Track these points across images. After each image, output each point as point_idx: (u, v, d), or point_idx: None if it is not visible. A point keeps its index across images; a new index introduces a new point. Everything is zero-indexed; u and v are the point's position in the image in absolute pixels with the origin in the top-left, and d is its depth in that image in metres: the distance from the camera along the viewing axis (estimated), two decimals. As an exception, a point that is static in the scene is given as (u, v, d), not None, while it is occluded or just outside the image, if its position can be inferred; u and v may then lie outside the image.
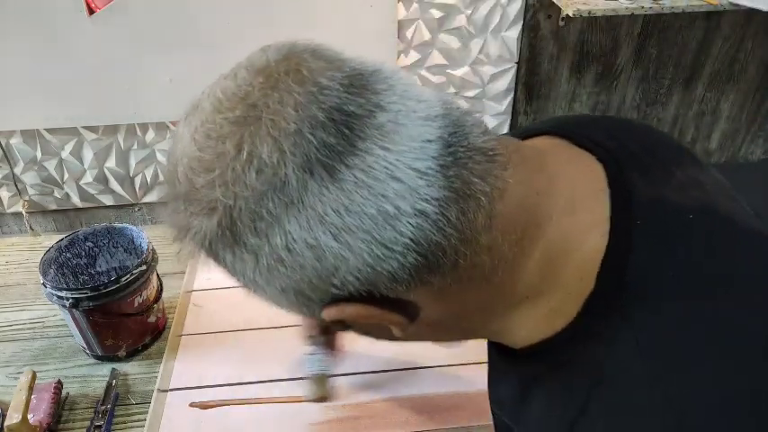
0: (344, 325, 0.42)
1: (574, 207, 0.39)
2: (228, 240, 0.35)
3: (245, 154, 0.33)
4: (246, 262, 0.36)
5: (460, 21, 1.32)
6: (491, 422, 0.85)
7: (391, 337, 0.44)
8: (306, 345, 0.77)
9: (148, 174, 1.47)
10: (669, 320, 0.36)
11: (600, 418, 0.37)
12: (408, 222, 0.34)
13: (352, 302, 0.37)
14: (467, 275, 0.38)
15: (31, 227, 1.48)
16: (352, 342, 0.82)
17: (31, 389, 0.81)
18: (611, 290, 0.37)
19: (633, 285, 0.37)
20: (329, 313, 0.38)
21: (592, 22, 1.36)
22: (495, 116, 1.47)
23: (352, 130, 0.33)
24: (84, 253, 0.99)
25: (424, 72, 1.39)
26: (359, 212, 0.33)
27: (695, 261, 0.38)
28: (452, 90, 1.42)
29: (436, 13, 1.31)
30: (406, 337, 0.43)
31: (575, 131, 0.44)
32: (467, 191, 0.35)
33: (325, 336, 0.76)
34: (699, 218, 0.39)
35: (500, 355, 0.47)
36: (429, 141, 0.35)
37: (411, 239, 0.34)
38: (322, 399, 0.79)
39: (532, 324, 0.41)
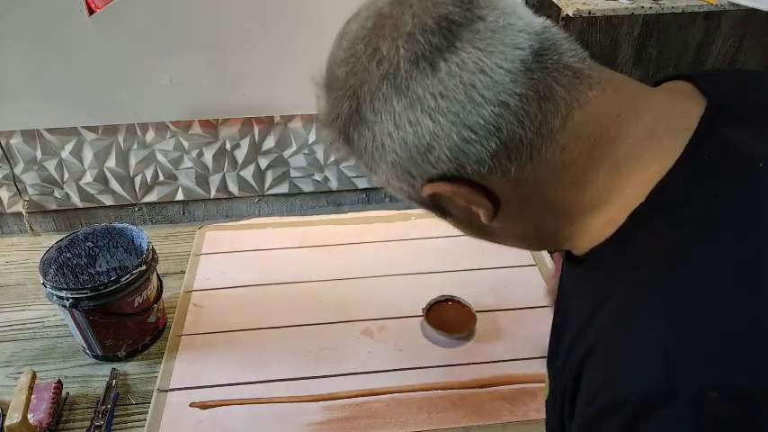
0: (441, 209, 0.49)
1: (651, 135, 0.43)
2: (355, 119, 0.45)
3: (371, 50, 0.43)
4: (367, 138, 0.45)
5: (460, 21, 1.32)
6: (491, 422, 0.85)
7: (480, 231, 0.51)
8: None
9: (148, 174, 1.47)
10: (694, 261, 0.39)
11: (619, 303, 0.40)
12: (492, 110, 0.41)
13: (446, 181, 0.45)
14: (542, 170, 0.44)
15: (31, 227, 1.48)
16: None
17: (31, 389, 0.81)
18: (653, 206, 0.41)
19: (673, 206, 0.41)
20: (428, 189, 0.46)
21: (592, 22, 1.36)
22: (495, 116, 1.47)
23: (453, 33, 0.41)
24: (84, 253, 0.99)
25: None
26: (451, 98, 0.41)
27: (746, 200, 0.40)
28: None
29: (436, 13, 1.31)
30: (491, 233, 0.51)
31: (703, 76, 0.48)
32: (548, 94, 0.42)
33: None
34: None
35: (566, 259, 0.52)
36: (520, 48, 0.41)
37: (493, 125, 0.41)
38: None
39: (595, 232, 0.45)
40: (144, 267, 0.91)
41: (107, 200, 1.49)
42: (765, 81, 0.52)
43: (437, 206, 0.49)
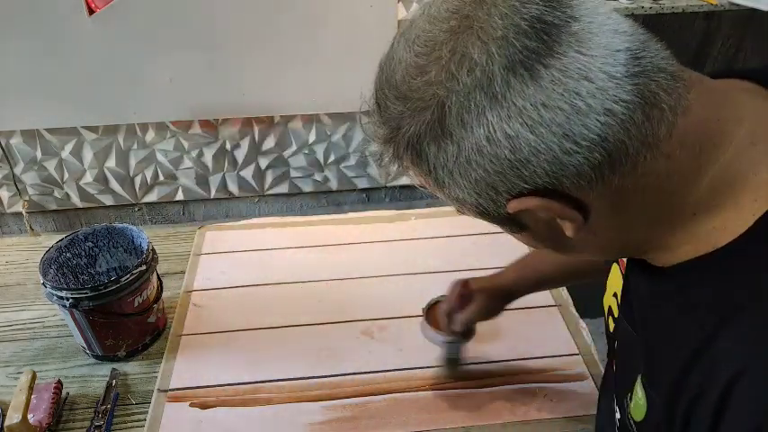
0: (519, 224, 0.45)
1: (754, 139, 0.41)
2: (437, 132, 0.40)
3: (458, 56, 0.39)
4: (449, 153, 0.41)
5: (460, 21, 1.32)
6: (491, 422, 0.85)
7: (558, 244, 0.47)
8: (446, 335, 0.87)
9: (148, 174, 1.47)
10: None
11: (749, 324, 0.39)
12: (597, 119, 0.38)
13: (535, 195, 0.41)
14: (643, 180, 0.41)
15: (31, 227, 1.48)
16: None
17: (31, 389, 0.81)
18: None
19: None
20: (513, 205, 0.42)
21: (592, 22, 1.36)
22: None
23: (550, 36, 0.37)
24: (84, 253, 0.99)
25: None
26: (554, 108, 0.38)
27: None
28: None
29: (436, 13, 1.31)
30: (572, 246, 0.47)
31: (764, 75, 0.46)
32: (652, 99, 0.39)
33: (464, 334, 0.87)
34: None
35: (642, 273, 0.50)
36: (618, 51, 0.38)
37: (598, 135, 0.38)
38: (450, 379, 0.90)
39: (695, 240, 0.43)
40: (144, 267, 0.91)
41: (107, 200, 1.49)
42: None
43: (514, 221, 0.45)
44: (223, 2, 1.23)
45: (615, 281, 0.62)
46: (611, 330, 0.63)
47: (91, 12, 1.21)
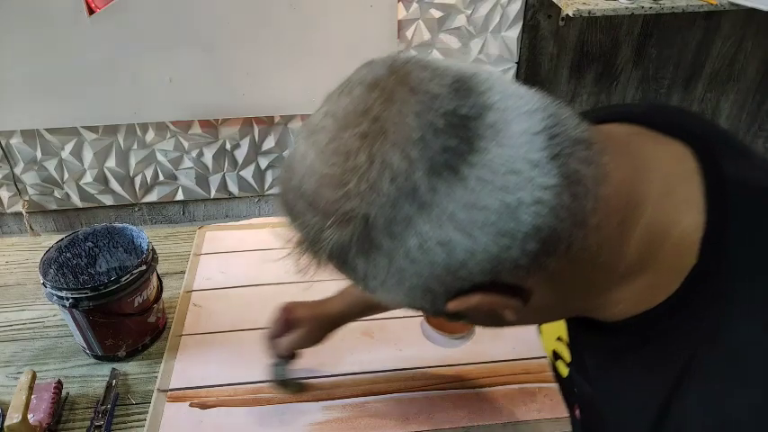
0: (460, 316, 0.44)
1: (669, 189, 0.41)
2: (363, 247, 0.38)
3: (377, 165, 0.36)
4: (379, 266, 0.39)
5: (460, 21, 1.32)
6: (491, 422, 0.85)
7: (500, 324, 0.46)
8: (271, 358, 0.84)
9: (148, 174, 1.47)
10: None
11: (701, 388, 0.39)
12: (528, 211, 0.36)
13: (474, 292, 0.40)
14: (577, 257, 0.40)
15: (31, 227, 1.48)
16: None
17: (31, 389, 0.81)
18: (712, 265, 0.39)
19: (733, 260, 0.39)
20: (453, 305, 0.41)
21: (592, 22, 1.36)
22: (495, 116, 1.47)
23: (468, 132, 0.36)
24: (84, 253, 0.99)
25: (424, 72, 1.39)
26: (484, 207, 0.36)
27: None
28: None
29: (436, 13, 1.31)
30: (515, 322, 0.45)
31: (650, 119, 0.46)
32: (575, 177, 0.37)
33: (289, 357, 0.84)
34: None
35: (589, 330, 0.49)
36: (536, 134, 0.37)
37: (531, 227, 0.37)
38: (287, 393, 0.87)
39: (630, 299, 0.43)
40: (144, 267, 0.91)
41: (107, 200, 1.49)
42: (685, 113, 0.51)
43: (454, 315, 0.43)
44: (223, 2, 1.23)
45: (555, 324, 0.61)
46: (565, 376, 0.61)
47: (91, 12, 1.21)
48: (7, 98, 1.29)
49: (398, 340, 0.98)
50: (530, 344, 0.96)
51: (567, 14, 1.15)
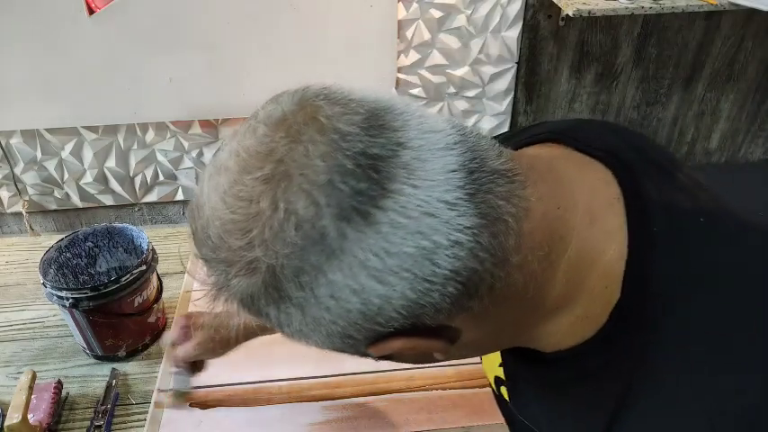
0: (389, 358, 0.42)
1: (592, 217, 0.40)
2: (273, 296, 0.36)
3: (281, 212, 0.33)
4: (292, 315, 0.37)
5: (460, 21, 1.32)
6: (491, 422, 0.85)
7: (431, 361, 0.44)
8: (172, 366, 0.81)
9: (148, 174, 1.47)
10: (697, 320, 0.38)
11: (637, 420, 0.38)
12: (446, 254, 0.34)
13: (396, 337, 0.38)
14: (502, 295, 0.38)
15: (31, 227, 1.48)
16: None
17: (31, 389, 0.81)
18: (636, 296, 0.38)
19: (657, 290, 0.38)
20: (376, 350, 0.39)
21: (592, 22, 1.36)
22: (495, 116, 1.47)
23: (379, 173, 0.33)
24: (84, 253, 0.99)
25: (423, 72, 1.39)
26: (398, 253, 0.34)
27: (712, 261, 0.39)
28: (452, 90, 1.43)
29: (436, 13, 1.31)
30: (446, 358, 0.44)
31: (574, 138, 0.45)
32: (495, 215, 0.36)
33: (191, 366, 0.81)
34: (709, 219, 0.41)
35: (525, 361, 0.48)
36: (453, 171, 0.35)
37: (450, 270, 0.35)
38: (181, 404, 0.85)
39: (562, 331, 0.42)
40: (144, 267, 0.91)
41: (107, 200, 1.49)
42: (612, 129, 0.49)
43: (382, 357, 0.41)
44: (223, 2, 1.23)
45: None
46: (509, 402, 0.59)
47: (91, 12, 1.21)
48: (7, 98, 1.29)
49: (398, 340, 0.98)
50: (530, 344, 0.96)
51: (567, 14, 1.15)
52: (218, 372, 0.93)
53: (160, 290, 0.99)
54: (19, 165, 1.40)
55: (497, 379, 0.60)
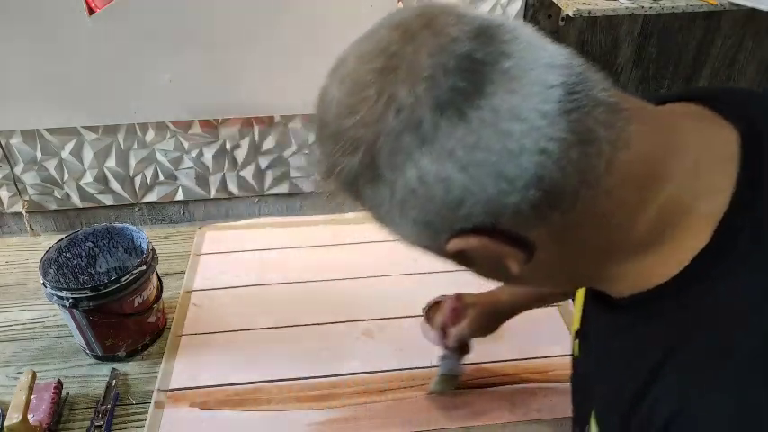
0: (465, 260, 0.44)
1: (699, 170, 0.41)
2: (369, 175, 0.40)
3: (385, 97, 0.37)
4: (384, 196, 0.40)
5: (460, 21, 1.32)
6: (491, 422, 0.85)
7: (506, 278, 0.47)
8: (440, 349, 0.86)
9: (148, 174, 1.47)
10: None
11: (683, 370, 0.39)
12: (531, 159, 0.37)
13: (475, 234, 0.40)
14: (585, 217, 0.40)
15: (31, 227, 1.48)
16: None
17: (31, 389, 0.81)
18: (722, 248, 0.39)
19: (744, 247, 0.38)
20: (453, 244, 0.41)
21: (592, 22, 1.36)
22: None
23: (479, 76, 0.36)
24: (84, 253, 0.99)
25: (424, 72, 1.39)
26: (485, 149, 0.36)
27: None
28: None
29: (436, 13, 1.31)
30: (519, 279, 0.46)
31: (712, 98, 0.45)
32: (588, 136, 0.38)
33: (459, 349, 0.86)
34: None
35: (597, 302, 0.49)
36: (552, 87, 0.37)
37: (533, 175, 0.37)
38: (443, 393, 0.88)
39: (640, 273, 0.42)
40: (144, 267, 0.91)
41: (107, 200, 1.49)
42: (758, 96, 0.49)
43: (460, 257, 0.44)
44: (223, 2, 1.23)
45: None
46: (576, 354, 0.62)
47: (91, 12, 1.21)
48: (7, 98, 1.28)
49: (398, 340, 0.98)
50: (530, 344, 0.96)
51: (567, 14, 1.15)
52: (219, 372, 0.93)
53: (160, 290, 0.99)
54: (19, 165, 1.40)
55: (577, 333, 0.61)
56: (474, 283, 1.06)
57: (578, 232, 0.41)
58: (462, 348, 0.86)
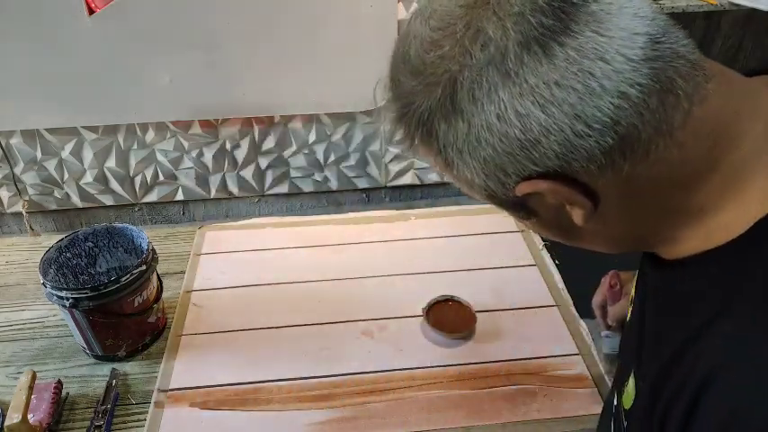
0: (527, 210, 0.45)
1: None
2: (447, 109, 0.40)
3: (473, 31, 0.38)
4: (459, 130, 0.41)
5: (460, 21, 1.32)
6: (491, 422, 0.85)
7: (566, 232, 0.47)
8: (603, 329, 0.85)
9: (148, 174, 1.47)
10: None
11: (746, 317, 0.38)
12: (610, 102, 0.37)
13: (544, 178, 0.41)
14: (654, 169, 0.40)
15: (31, 227, 1.48)
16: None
17: (31, 389, 0.81)
18: None
19: None
20: (522, 188, 0.42)
21: (592, 22, 1.36)
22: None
23: (567, 15, 0.37)
24: (84, 253, 0.99)
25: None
26: (567, 87, 0.37)
27: None
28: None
29: (436, 13, 1.31)
30: (580, 235, 0.46)
31: None
32: (669, 85, 0.38)
33: (621, 327, 0.83)
34: None
35: (653, 262, 0.49)
36: (637, 34, 0.38)
37: (611, 118, 0.37)
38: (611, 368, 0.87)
39: (699, 237, 0.43)
40: (144, 267, 0.91)
41: (107, 200, 1.49)
42: None
43: (523, 206, 0.45)
44: (223, 2, 1.23)
45: None
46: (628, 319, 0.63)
47: (91, 12, 1.21)
48: (7, 98, 1.29)
49: (398, 340, 0.98)
50: (530, 344, 0.96)
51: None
52: (219, 372, 0.93)
53: (160, 290, 0.99)
54: (19, 165, 1.40)
55: (631, 300, 0.61)
56: (474, 283, 1.07)
57: (645, 187, 0.41)
58: (623, 326, 0.86)
